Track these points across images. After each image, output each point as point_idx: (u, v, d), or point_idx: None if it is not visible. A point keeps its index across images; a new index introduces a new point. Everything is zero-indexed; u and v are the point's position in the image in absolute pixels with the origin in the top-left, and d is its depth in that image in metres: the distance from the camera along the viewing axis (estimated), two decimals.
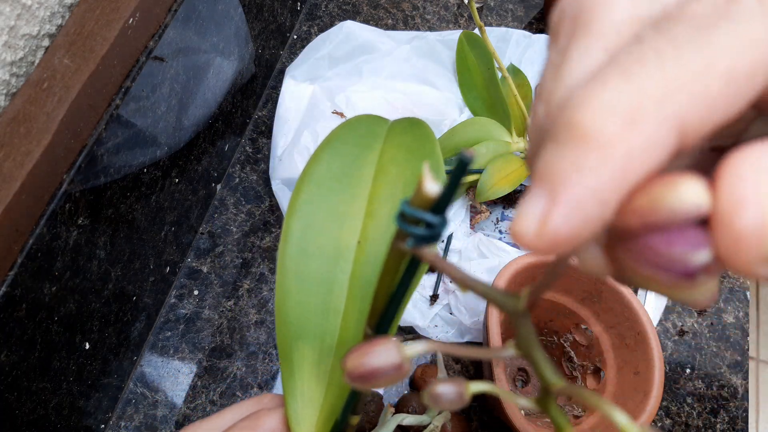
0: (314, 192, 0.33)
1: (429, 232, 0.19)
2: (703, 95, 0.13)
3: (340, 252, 0.32)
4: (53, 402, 0.49)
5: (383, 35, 0.76)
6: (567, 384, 0.18)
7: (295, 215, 0.32)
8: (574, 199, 0.14)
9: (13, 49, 0.43)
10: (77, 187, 0.44)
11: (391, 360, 0.19)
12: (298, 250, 0.32)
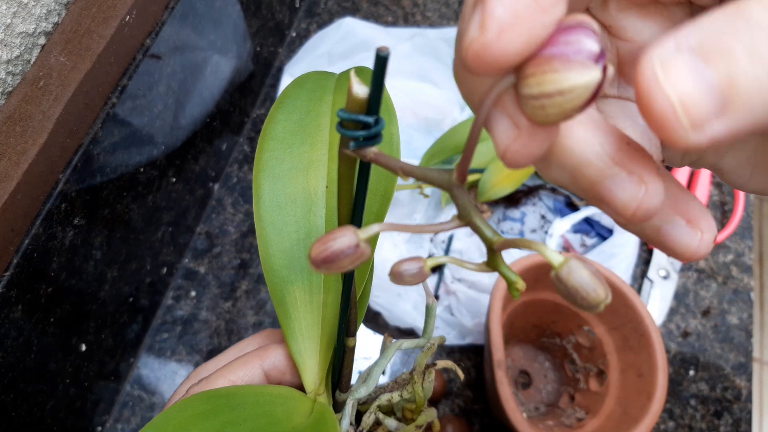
0: (276, 147, 0.35)
1: (367, 132, 0.21)
2: None
3: (311, 198, 0.34)
4: (49, 404, 0.48)
5: (383, 32, 0.75)
6: (505, 239, 0.20)
7: (262, 172, 0.34)
8: None
9: (9, 47, 0.42)
10: (73, 187, 0.44)
11: (349, 241, 0.21)
12: (271, 203, 0.34)
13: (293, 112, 0.37)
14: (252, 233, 0.67)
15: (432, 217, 0.66)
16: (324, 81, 0.39)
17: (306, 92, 0.37)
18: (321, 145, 0.36)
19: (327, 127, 0.36)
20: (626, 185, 0.18)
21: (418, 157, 0.68)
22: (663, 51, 0.14)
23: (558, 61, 0.15)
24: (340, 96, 0.37)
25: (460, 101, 0.72)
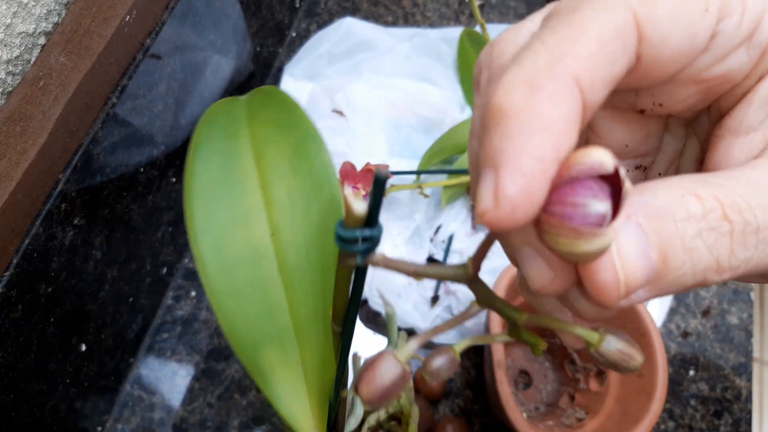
0: (205, 205, 0.32)
1: (370, 245, 0.22)
2: (585, 53, 0.16)
3: (258, 252, 0.32)
4: (49, 404, 0.48)
5: (383, 32, 0.75)
6: (530, 315, 0.21)
7: (199, 235, 0.31)
8: (514, 163, 0.15)
9: (9, 47, 0.42)
10: (73, 187, 0.44)
11: (395, 372, 0.21)
12: (219, 269, 0.31)
13: (211, 158, 0.33)
14: None
15: (432, 217, 0.66)
16: (234, 112, 0.35)
17: (219, 130, 0.34)
18: (253, 189, 0.33)
19: (253, 168, 0.34)
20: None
21: (418, 157, 0.68)
22: (615, 223, 0.16)
23: (567, 228, 0.16)
24: (255, 127, 0.35)
25: (459, 101, 0.72)
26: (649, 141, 0.23)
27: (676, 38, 0.17)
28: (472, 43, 0.72)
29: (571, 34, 0.16)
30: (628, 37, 0.17)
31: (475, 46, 0.71)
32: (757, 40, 0.18)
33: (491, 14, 0.83)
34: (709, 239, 0.17)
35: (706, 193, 0.17)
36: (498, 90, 0.16)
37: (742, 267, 0.17)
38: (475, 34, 0.71)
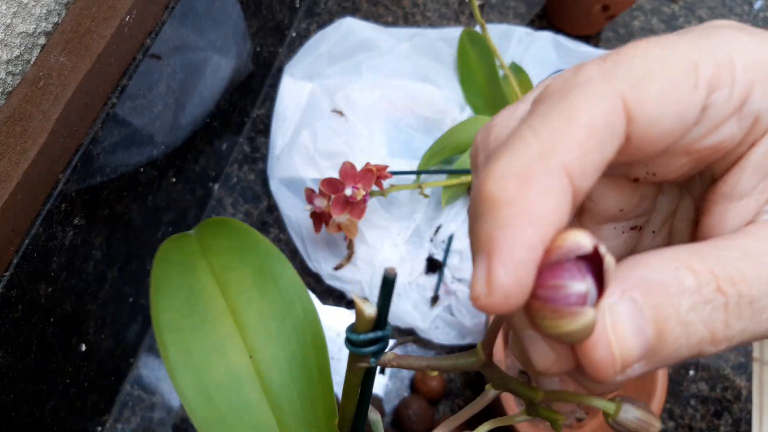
0: (178, 339, 0.33)
1: (382, 345, 0.22)
2: (574, 144, 0.17)
3: (238, 376, 0.32)
4: (49, 404, 0.48)
5: (383, 32, 0.75)
6: (546, 393, 0.22)
7: (176, 369, 0.32)
8: (505, 252, 0.16)
9: (9, 48, 0.42)
10: (73, 187, 0.44)
11: None
12: (202, 399, 0.32)
13: (174, 292, 0.34)
14: None
15: (432, 217, 0.66)
16: (187, 247, 0.37)
17: (175, 266, 0.35)
18: (223, 318, 0.34)
19: (219, 297, 0.34)
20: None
21: (417, 157, 0.68)
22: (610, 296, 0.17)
23: (550, 310, 0.16)
24: (212, 258, 0.36)
25: (459, 101, 0.72)
26: (644, 204, 0.24)
27: (666, 117, 0.18)
28: (472, 43, 0.72)
29: (561, 123, 0.17)
30: (617, 123, 0.17)
31: (475, 46, 0.71)
32: (747, 110, 0.18)
33: (491, 14, 0.83)
34: (703, 312, 0.17)
35: (700, 266, 0.17)
36: (491, 179, 0.17)
37: (737, 337, 0.18)
38: (475, 34, 0.71)
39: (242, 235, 0.36)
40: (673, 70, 0.18)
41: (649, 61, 0.18)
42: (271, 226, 0.68)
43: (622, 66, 0.18)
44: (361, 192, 0.55)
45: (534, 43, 0.76)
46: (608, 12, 0.75)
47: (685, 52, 0.18)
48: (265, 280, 0.34)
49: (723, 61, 0.18)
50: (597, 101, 0.17)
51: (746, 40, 0.18)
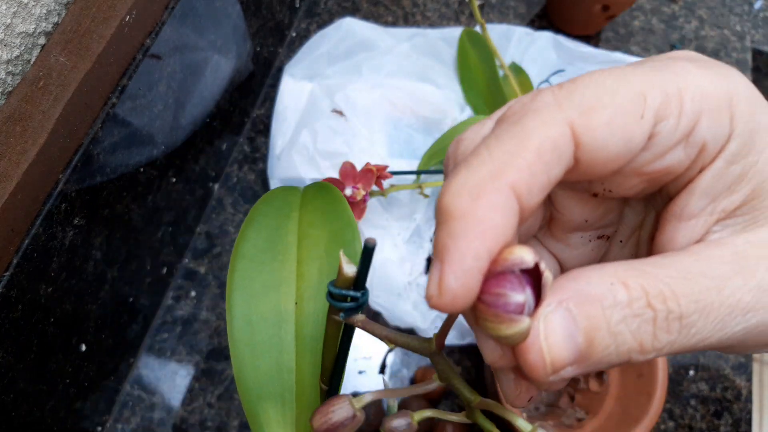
0: (248, 266, 0.37)
1: (355, 304, 0.25)
2: (523, 165, 0.19)
3: (281, 316, 0.36)
4: (49, 404, 0.48)
5: (383, 32, 0.75)
6: (482, 400, 0.24)
7: (235, 291, 0.35)
8: (455, 260, 0.18)
9: (9, 47, 0.42)
10: (73, 187, 0.44)
11: (346, 413, 0.24)
12: (244, 322, 0.35)
13: (262, 229, 0.38)
14: None
15: (432, 217, 0.66)
16: (291, 197, 0.41)
17: (274, 209, 0.40)
18: (290, 263, 0.37)
19: (294, 245, 0.38)
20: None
21: (417, 157, 0.68)
22: (546, 306, 0.19)
23: (492, 314, 0.18)
24: (305, 212, 0.40)
25: (459, 101, 0.72)
26: (609, 216, 0.26)
27: (613, 143, 0.19)
28: (472, 43, 0.72)
29: (513, 146, 0.19)
30: (564, 147, 0.19)
31: (475, 46, 0.71)
32: (694, 139, 0.20)
33: (491, 14, 0.83)
34: (632, 324, 0.19)
35: (633, 282, 0.19)
36: (448, 193, 0.19)
37: (666, 348, 0.19)
38: (475, 34, 0.71)
39: (336, 201, 0.39)
40: (621, 99, 0.19)
41: (600, 90, 0.19)
42: None
43: (574, 94, 0.19)
44: (361, 192, 0.55)
45: (534, 43, 0.76)
46: (608, 12, 0.75)
47: (636, 83, 0.19)
48: (336, 243, 0.37)
49: (672, 93, 0.19)
50: (546, 127, 0.19)
51: (697, 73, 0.20)
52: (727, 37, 0.84)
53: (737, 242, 0.21)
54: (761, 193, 0.21)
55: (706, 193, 0.21)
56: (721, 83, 0.20)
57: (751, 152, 0.20)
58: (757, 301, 0.20)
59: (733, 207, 0.21)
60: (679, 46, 0.82)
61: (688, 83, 0.20)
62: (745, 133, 0.20)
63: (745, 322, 0.20)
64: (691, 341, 0.19)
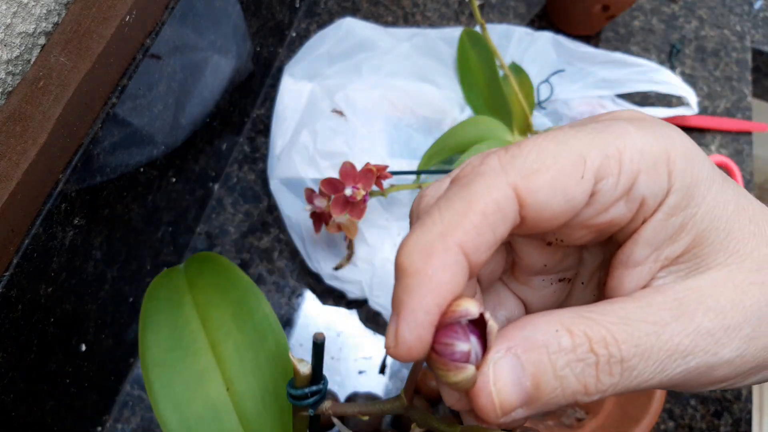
0: (161, 373, 0.36)
1: (319, 396, 0.26)
2: (470, 226, 0.20)
3: (217, 407, 0.35)
4: (49, 404, 0.48)
5: (383, 32, 0.76)
6: (462, 427, 0.24)
7: (160, 402, 0.35)
8: (408, 314, 0.20)
9: (9, 47, 0.43)
10: (73, 187, 0.44)
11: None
12: (183, 430, 0.34)
13: (160, 330, 0.37)
14: (252, 233, 0.67)
15: None
16: (175, 282, 0.40)
17: (164, 302, 0.39)
18: (203, 351, 0.37)
19: (201, 331, 0.37)
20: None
21: (417, 157, 0.68)
22: (495, 352, 0.21)
23: (441, 363, 0.20)
24: (197, 293, 0.39)
25: (459, 101, 0.73)
26: (567, 260, 0.27)
27: (555, 202, 0.21)
28: (472, 43, 0.72)
29: (461, 208, 0.21)
30: (509, 209, 0.21)
31: (475, 46, 0.71)
32: (634, 195, 0.21)
33: (491, 14, 0.83)
34: (576, 368, 0.20)
35: (577, 329, 0.21)
36: (403, 251, 0.21)
37: (610, 390, 0.21)
38: (475, 34, 0.71)
39: (225, 271, 0.39)
40: (562, 162, 0.21)
41: (543, 155, 0.21)
42: (271, 226, 0.68)
43: (517, 159, 0.21)
44: (361, 192, 0.55)
45: (534, 43, 0.76)
46: (608, 12, 0.75)
47: (576, 147, 0.21)
48: (243, 314, 0.37)
49: (611, 154, 0.21)
50: (491, 190, 0.21)
51: (636, 134, 0.21)
52: (727, 37, 0.84)
53: (678, 288, 0.22)
54: (702, 241, 0.22)
55: (649, 243, 0.22)
56: (659, 142, 0.21)
57: (690, 204, 0.22)
58: (695, 345, 0.21)
59: (676, 255, 0.23)
60: (679, 46, 0.82)
61: (627, 144, 0.21)
62: (684, 188, 0.22)
63: (686, 364, 0.21)
64: (633, 383, 0.21)
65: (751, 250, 0.23)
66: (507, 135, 0.67)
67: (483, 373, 0.21)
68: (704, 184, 0.22)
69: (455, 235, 0.20)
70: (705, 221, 0.22)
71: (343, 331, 0.63)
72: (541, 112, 0.74)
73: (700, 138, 0.77)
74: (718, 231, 0.22)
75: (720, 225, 0.22)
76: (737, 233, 0.22)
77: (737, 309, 0.22)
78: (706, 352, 0.21)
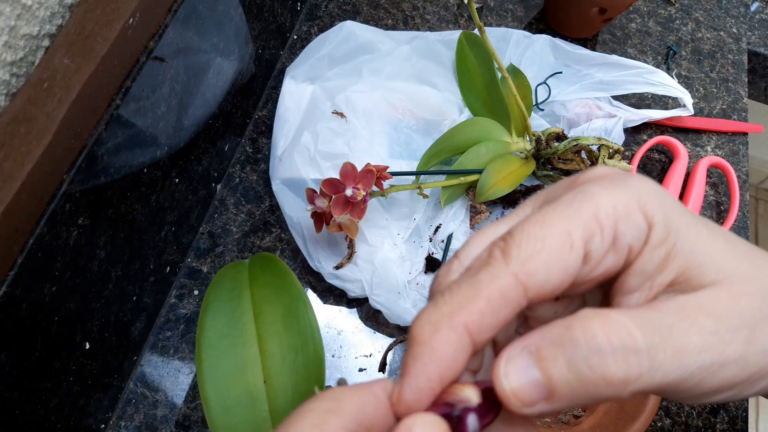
0: (212, 355, 0.40)
1: None
2: (475, 309, 0.23)
3: (253, 396, 0.39)
4: (53, 402, 0.49)
5: (383, 35, 0.76)
6: None
7: (206, 381, 0.38)
8: (412, 377, 0.23)
9: (14, 49, 0.43)
10: (77, 187, 0.44)
11: None
12: (221, 408, 0.38)
13: (218, 316, 0.42)
14: (254, 233, 0.68)
15: (431, 217, 0.67)
16: (239, 275, 0.44)
17: (226, 291, 0.43)
18: (251, 343, 0.41)
19: (252, 323, 0.42)
20: None
21: (417, 158, 0.69)
22: (511, 351, 0.23)
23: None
24: (255, 288, 0.43)
25: (458, 103, 0.73)
26: (573, 305, 0.29)
27: (554, 276, 0.23)
28: (471, 46, 0.72)
29: (469, 293, 0.23)
30: (512, 295, 0.23)
31: (473, 48, 0.72)
32: (620, 244, 0.24)
33: (489, 17, 0.84)
34: (592, 360, 0.22)
35: (590, 323, 0.22)
36: (416, 323, 0.24)
37: (634, 381, 0.22)
38: (474, 36, 0.72)
39: (282, 274, 0.43)
40: (551, 242, 0.23)
41: (533, 242, 0.23)
42: (273, 226, 0.69)
43: (514, 249, 0.24)
44: (361, 192, 0.56)
45: (532, 45, 0.77)
46: (605, 15, 0.76)
47: (558, 225, 0.24)
48: (291, 317, 0.41)
49: (589, 219, 0.24)
50: (495, 280, 0.23)
51: (604, 193, 0.24)
52: (724, 39, 0.85)
53: (678, 300, 0.24)
54: (688, 266, 0.25)
55: (641, 274, 0.25)
56: (627, 192, 0.24)
57: (670, 236, 0.24)
58: (704, 342, 0.23)
59: (667, 282, 0.25)
60: (675, 48, 0.83)
61: (599, 205, 0.24)
62: (661, 222, 0.24)
63: (701, 360, 0.23)
64: (656, 376, 0.22)
65: (735, 266, 0.25)
66: (505, 136, 0.68)
67: (495, 366, 0.23)
68: (677, 216, 0.25)
69: (461, 317, 0.23)
70: (686, 247, 0.25)
71: (343, 330, 0.64)
72: (538, 113, 0.74)
73: (696, 139, 0.77)
74: (701, 255, 0.25)
75: (701, 249, 0.25)
76: (717, 254, 0.25)
77: (734, 314, 0.24)
78: (714, 350, 0.23)
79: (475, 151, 0.65)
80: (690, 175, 0.74)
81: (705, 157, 0.74)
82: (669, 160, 0.76)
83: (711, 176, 0.76)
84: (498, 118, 0.68)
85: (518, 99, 0.67)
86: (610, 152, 0.68)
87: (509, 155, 0.67)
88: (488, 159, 0.65)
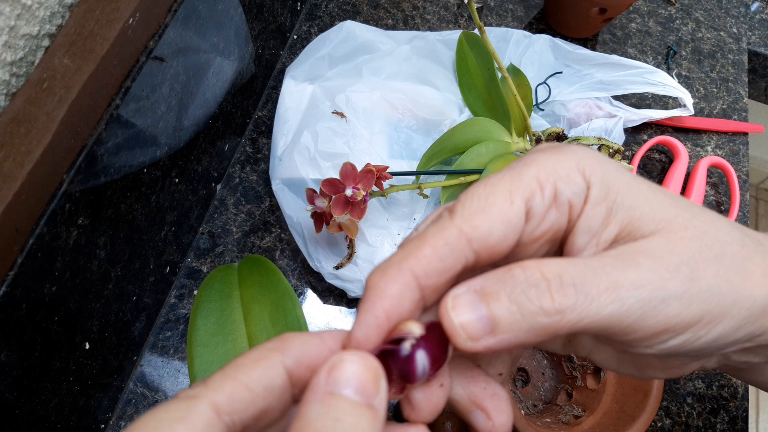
0: (203, 353, 0.41)
1: None
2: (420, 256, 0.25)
3: None
4: (53, 402, 0.49)
5: (383, 35, 0.76)
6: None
7: (198, 377, 0.40)
8: (362, 318, 0.24)
9: (13, 49, 0.43)
10: (77, 187, 0.44)
11: None
12: None
13: (209, 315, 0.43)
14: (254, 233, 0.68)
15: None
16: (228, 277, 0.46)
17: (216, 292, 0.45)
18: (241, 340, 0.42)
19: (242, 321, 0.43)
20: (480, 419, 0.28)
21: (417, 158, 0.69)
22: (457, 290, 0.25)
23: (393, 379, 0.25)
24: (244, 289, 0.45)
25: (458, 103, 0.73)
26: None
27: (496, 230, 0.25)
28: (471, 46, 0.72)
29: (416, 244, 0.25)
30: (456, 245, 0.25)
31: (473, 48, 0.72)
32: (561, 201, 0.26)
33: (489, 17, 0.84)
34: (530, 292, 0.24)
35: (529, 264, 0.25)
36: (370, 274, 0.25)
37: (569, 313, 0.24)
38: (474, 36, 0.72)
39: (270, 273, 0.45)
40: (493, 199, 0.25)
41: (476, 200, 0.26)
42: (273, 225, 0.69)
43: (459, 207, 0.26)
44: (361, 192, 0.56)
45: (532, 45, 0.77)
46: (605, 15, 0.76)
47: (501, 186, 0.26)
48: (278, 314, 0.42)
49: (529, 179, 0.26)
50: (442, 232, 0.25)
51: (545, 157, 0.26)
52: (724, 38, 0.85)
53: (618, 248, 0.26)
54: (631, 220, 0.26)
55: (586, 231, 0.26)
56: (566, 157, 0.26)
57: (609, 193, 0.26)
58: (642, 278, 0.24)
59: (612, 237, 0.26)
60: (676, 48, 0.83)
61: (539, 167, 0.26)
62: (600, 181, 0.26)
63: (639, 295, 0.24)
64: (591, 308, 0.23)
65: (674, 216, 0.26)
66: (505, 136, 0.68)
67: (442, 303, 0.25)
68: (616, 176, 0.26)
69: (408, 262, 0.25)
70: (626, 203, 0.26)
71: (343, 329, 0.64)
72: (538, 113, 0.74)
73: (696, 139, 0.77)
74: (641, 208, 0.26)
75: (641, 203, 0.26)
76: (658, 205, 0.26)
77: (672, 255, 0.25)
78: (653, 285, 0.24)
79: (475, 151, 0.65)
80: (690, 175, 0.74)
81: (705, 157, 0.74)
82: (669, 160, 0.76)
83: (711, 176, 0.76)
84: (498, 118, 0.68)
85: (518, 99, 0.67)
86: (610, 152, 0.68)
87: (509, 155, 0.67)
88: (488, 159, 0.65)
